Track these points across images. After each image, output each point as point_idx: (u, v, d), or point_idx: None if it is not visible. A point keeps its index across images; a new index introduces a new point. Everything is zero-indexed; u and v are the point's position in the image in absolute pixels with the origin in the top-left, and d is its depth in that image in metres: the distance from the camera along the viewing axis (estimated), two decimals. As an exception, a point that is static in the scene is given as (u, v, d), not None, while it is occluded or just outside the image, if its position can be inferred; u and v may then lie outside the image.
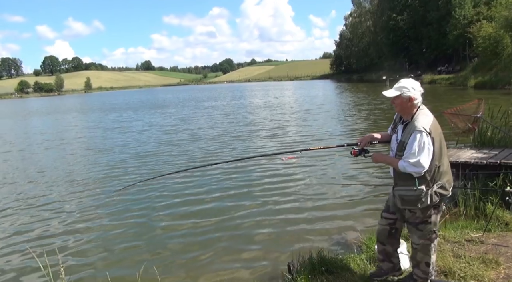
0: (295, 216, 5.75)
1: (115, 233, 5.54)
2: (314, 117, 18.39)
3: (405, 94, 2.74)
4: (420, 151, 2.64)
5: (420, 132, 2.65)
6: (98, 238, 5.37)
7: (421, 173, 2.68)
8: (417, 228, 2.91)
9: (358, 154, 3.10)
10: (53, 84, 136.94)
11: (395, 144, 2.88)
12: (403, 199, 2.85)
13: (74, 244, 5.27)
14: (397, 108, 2.86)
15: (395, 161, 2.80)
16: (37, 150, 13.44)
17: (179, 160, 9.96)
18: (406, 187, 2.79)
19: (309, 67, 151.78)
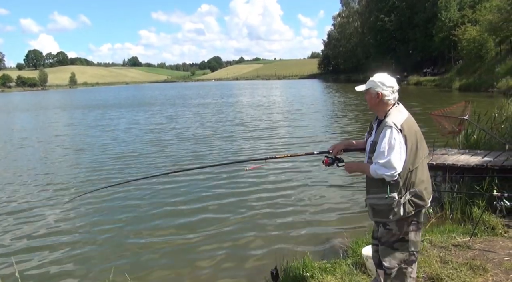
0: (279, 221, 5.59)
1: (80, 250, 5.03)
2: (303, 117, 18.26)
3: (373, 90, 2.51)
4: (390, 149, 2.33)
5: (390, 128, 2.36)
6: (62, 256, 4.75)
7: (394, 176, 2.34)
8: (392, 247, 2.52)
9: (331, 163, 2.79)
10: (37, 79, 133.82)
11: (368, 146, 2.58)
12: (373, 208, 2.54)
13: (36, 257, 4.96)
14: (368, 104, 2.63)
15: (367, 166, 2.49)
16: (12, 148, 12.94)
17: (161, 162, 9.55)
18: (377, 195, 2.46)
19: (297, 66, 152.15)
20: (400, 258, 2.53)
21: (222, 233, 5.27)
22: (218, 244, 4.93)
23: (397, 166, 2.33)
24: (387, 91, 2.49)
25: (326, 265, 3.80)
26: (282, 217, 5.72)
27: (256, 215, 5.78)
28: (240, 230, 5.32)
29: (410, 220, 2.49)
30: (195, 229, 5.37)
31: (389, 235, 2.52)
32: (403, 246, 2.51)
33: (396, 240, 2.51)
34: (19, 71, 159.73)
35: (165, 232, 5.36)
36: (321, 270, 3.69)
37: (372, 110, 2.64)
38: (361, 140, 2.92)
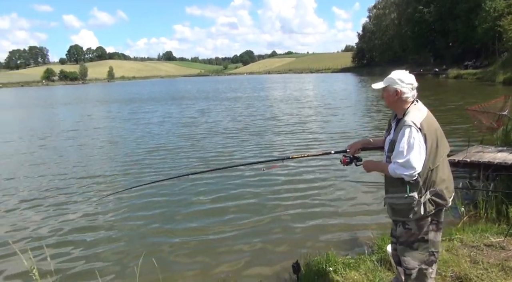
0: (302, 216, 5.55)
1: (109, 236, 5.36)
2: (335, 112, 17.72)
3: (391, 87, 2.43)
4: (409, 149, 2.28)
5: (409, 127, 2.30)
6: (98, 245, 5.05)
7: (413, 175, 2.30)
8: (411, 247, 2.47)
9: (349, 162, 2.75)
10: (78, 73, 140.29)
11: (387, 145, 2.52)
12: (393, 208, 2.50)
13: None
14: (386, 102, 2.55)
15: (386, 166, 2.44)
16: (53, 140, 13.53)
17: (191, 157, 9.57)
18: (396, 194, 2.42)
19: (331, 60, 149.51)
20: (419, 258, 2.47)
21: (245, 227, 5.31)
22: (241, 238, 4.98)
23: (416, 166, 2.29)
24: (406, 88, 2.41)
25: (350, 260, 3.78)
26: (306, 212, 5.68)
27: (280, 211, 5.76)
28: (263, 224, 5.33)
29: (430, 219, 2.43)
30: (220, 223, 5.44)
31: (408, 235, 2.48)
32: (422, 246, 2.46)
33: (416, 240, 2.46)
34: (61, 66, 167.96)
35: (192, 226, 5.43)
36: (345, 265, 3.67)
37: (390, 108, 2.58)
38: (379, 138, 2.86)
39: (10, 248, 4.82)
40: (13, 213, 6.26)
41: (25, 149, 11.92)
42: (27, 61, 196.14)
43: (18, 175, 8.63)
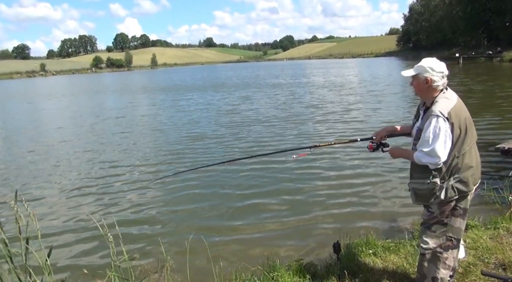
0: (342, 201, 5.65)
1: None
2: (379, 99, 16.95)
3: (422, 75, 2.42)
4: (435, 138, 2.30)
5: (436, 117, 2.31)
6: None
7: (438, 164, 2.34)
8: (430, 229, 2.54)
9: (376, 148, 2.82)
10: (123, 60, 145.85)
11: (415, 132, 2.56)
12: (416, 193, 2.56)
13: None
14: (415, 90, 2.54)
15: (411, 153, 2.49)
16: (100, 127, 14.25)
17: (232, 145, 9.67)
18: (420, 180, 2.48)
19: (373, 44, 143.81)
20: (435, 240, 2.53)
21: (288, 209, 5.50)
22: (284, 219, 5.18)
23: (441, 155, 2.31)
24: (437, 76, 2.41)
25: (389, 244, 3.83)
26: (346, 197, 5.77)
27: (319, 196, 5.89)
28: (303, 207, 5.49)
29: (454, 205, 2.48)
30: (260, 205, 5.70)
31: (430, 217, 2.54)
32: (440, 229, 2.51)
33: (435, 222, 2.52)
34: (108, 53, 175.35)
35: (234, 206, 5.75)
36: (384, 248, 3.74)
37: (419, 96, 2.58)
38: (406, 125, 2.88)
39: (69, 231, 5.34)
40: (66, 197, 6.74)
41: (74, 135, 12.64)
42: (78, 50, 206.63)
43: (68, 159, 9.34)
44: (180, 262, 3.85)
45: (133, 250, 4.38)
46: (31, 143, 11.71)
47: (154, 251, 4.39)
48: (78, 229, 5.23)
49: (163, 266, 3.79)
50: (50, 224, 5.46)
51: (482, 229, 3.95)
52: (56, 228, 5.34)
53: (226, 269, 3.72)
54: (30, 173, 8.18)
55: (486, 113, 12.04)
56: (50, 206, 6.21)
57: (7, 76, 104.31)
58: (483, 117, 11.36)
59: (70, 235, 5.11)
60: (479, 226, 4.03)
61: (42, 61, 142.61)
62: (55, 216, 5.78)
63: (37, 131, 14.01)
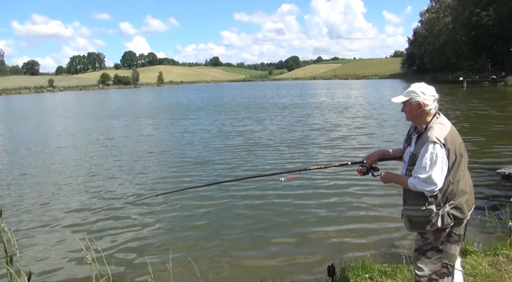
0: (340, 222, 5.58)
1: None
2: (385, 123, 16.42)
3: (414, 100, 2.41)
4: (432, 165, 2.27)
5: (432, 143, 2.29)
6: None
7: (434, 191, 2.31)
8: (424, 255, 2.48)
9: (366, 172, 2.77)
10: (130, 78, 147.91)
11: (407, 157, 2.52)
12: (410, 220, 2.50)
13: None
14: (407, 116, 2.52)
15: (405, 179, 2.45)
16: (112, 147, 14.28)
17: (224, 168, 9.19)
18: (415, 207, 2.43)
19: (378, 66, 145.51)
20: (431, 268, 2.47)
21: (281, 231, 5.43)
22: (277, 240, 5.12)
23: (438, 182, 2.29)
24: (429, 100, 2.40)
25: (386, 268, 3.75)
26: (341, 220, 5.69)
27: (315, 218, 5.81)
28: (298, 230, 5.41)
29: (449, 231, 2.43)
30: (254, 228, 5.62)
31: (424, 243, 2.49)
32: (435, 256, 2.46)
33: (430, 249, 2.47)
34: (116, 71, 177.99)
35: (228, 228, 5.66)
36: (381, 273, 3.66)
37: (411, 122, 2.57)
38: (397, 148, 2.85)
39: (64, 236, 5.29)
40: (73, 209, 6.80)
41: (80, 155, 12.48)
42: (86, 66, 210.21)
43: (72, 176, 9.32)
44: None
45: (119, 272, 4.33)
46: (27, 160, 11.73)
47: (140, 272, 4.29)
48: (62, 250, 5.13)
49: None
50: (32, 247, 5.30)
51: (481, 255, 3.86)
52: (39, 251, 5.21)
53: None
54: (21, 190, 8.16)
55: (487, 138, 11.98)
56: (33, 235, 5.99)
57: (16, 91, 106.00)
58: (482, 141, 11.32)
59: (53, 255, 5.00)
60: (478, 252, 3.94)
61: (51, 77, 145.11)
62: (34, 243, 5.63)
63: (33, 150, 14.05)
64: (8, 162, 11.16)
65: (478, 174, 7.47)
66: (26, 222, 6.12)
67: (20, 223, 6.02)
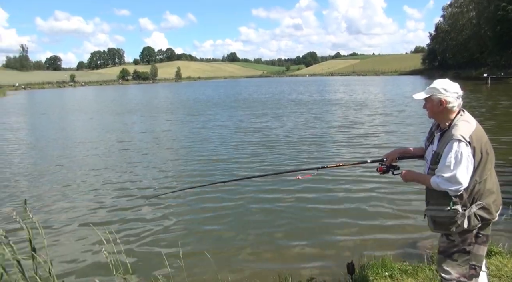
0: (361, 219, 5.51)
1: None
2: (406, 121, 15.96)
3: (435, 97, 2.34)
4: (456, 164, 2.18)
5: (457, 141, 2.20)
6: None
7: (459, 190, 2.23)
8: (451, 257, 2.39)
9: (386, 171, 2.70)
10: (149, 73, 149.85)
11: (430, 156, 2.44)
12: (434, 220, 2.42)
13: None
14: (429, 113, 2.45)
15: (427, 178, 2.37)
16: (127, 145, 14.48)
17: (245, 166, 9.00)
18: (438, 207, 2.35)
19: (397, 61, 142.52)
20: (459, 270, 2.38)
21: (299, 227, 5.39)
22: (296, 236, 5.08)
23: (463, 181, 2.21)
24: (452, 97, 2.32)
25: (407, 267, 3.69)
26: (361, 217, 5.61)
27: (334, 215, 5.75)
28: (317, 226, 5.38)
29: (476, 232, 2.35)
30: (279, 224, 5.57)
31: (450, 245, 2.41)
32: (462, 258, 2.38)
33: (456, 251, 2.38)
34: (135, 66, 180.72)
35: (248, 226, 5.63)
36: (401, 271, 3.61)
37: (434, 119, 2.49)
38: (418, 146, 2.76)
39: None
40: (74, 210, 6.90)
41: (99, 150, 12.71)
42: (106, 62, 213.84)
43: (89, 173, 9.49)
44: (187, 278, 3.68)
45: (136, 263, 4.38)
46: (50, 153, 12.02)
47: (158, 267, 4.29)
48: (82, 241, 5.24)
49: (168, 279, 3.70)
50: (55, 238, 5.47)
51: (507, 257, 3.74)
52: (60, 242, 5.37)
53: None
54: (44, 182, 8.38)
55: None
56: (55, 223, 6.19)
57: (40, 86, 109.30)
58: (509, 140, 10.94)
59: (72, 246, 5.12)
60: (503, 253, 3.82)
61: (72, 72, 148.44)
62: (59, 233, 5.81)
63: (57, 143, 14.40)
64: (29, 155, 11.50)
65: (504, 173, 7.24)
66: (45, 214, 6.29)
67: (38, 214, 6.15)
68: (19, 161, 10.73)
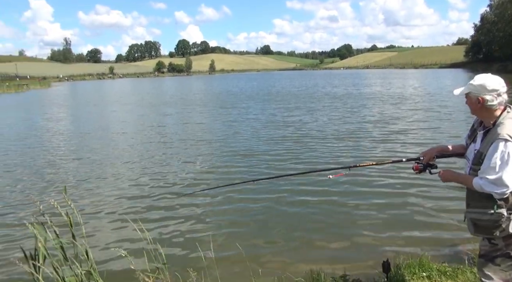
0: (398, 218, 5.34)
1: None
2: (445, 117, 15.14)
3: (473, 94, 2.20)
4: (503, 165, 2.04)
5: (503, 141, 2.06)
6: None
7: (504, 193, 2.08)
8: (493, 262, 2.26)
9: (422, 170, 2.56)
10: (183, 66, 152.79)
11: (472, 155, 2.31)
12: (475, 224, 2.29)
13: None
14: (471, 110, 2.32)
15: (469, 178, 2.23)
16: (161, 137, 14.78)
17: (280, 164, 8.74)
18: (480, 209, 2.22)
19: (438, 54, 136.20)
20: (502, 275, 2.24)
21: (334, 223, 5.31)
22: (330, 232, 5.01)
23: (510, 184, 2.05)
24: (490, 96, 2.16)
25: (446, 268, 3.54)
26: (398, 216, 5.43)
27: (370, 213, 5.59)
28: (352, 223, 5.27)
29: None
30: (311, 220, 5.51)
31: (492, 249, 2.28)
32: (506, 263, 2.24)
33: (499, 255, 2.24)
34: (170, 59, 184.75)
35: (280, 223, 5.54)
36: (440, 272, 3.47)
37: (476, 116, 2.35)
38: (458, 144, 2.60)
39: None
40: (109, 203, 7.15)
41: (134, 141, 13.03)
42: (143, 54, 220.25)
43: (125, 162, 9.80)
44: (218, 270, 3.67)
45: (170, 255, 4.44)
46: (91, 143, 12.53)
47: (191, 257, 4.38)
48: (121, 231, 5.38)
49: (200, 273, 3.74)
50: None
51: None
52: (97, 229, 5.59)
53: (267, 278, 3.64)
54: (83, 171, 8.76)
55: None
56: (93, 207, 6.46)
57: (81, 77, 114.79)
58: None
59: (107, 236, 5.23)
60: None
61: (111, 65, 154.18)
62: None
63: (99, 134, 14.99)
64: (68, 145, 12.03)
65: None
66: (83, 201, 6.54)
67: (76, 202, 6.36)
68: (60, 150, 11.23)
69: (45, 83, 71.32)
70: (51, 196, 6.54)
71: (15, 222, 5.69)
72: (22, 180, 7.95)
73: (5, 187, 7.52)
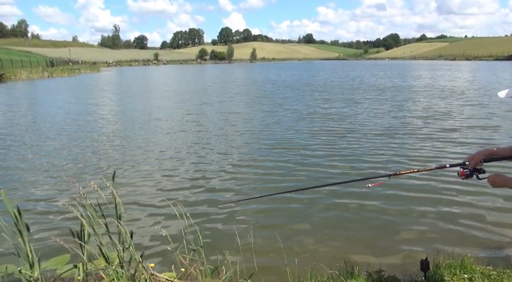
0: (440, 217, 5.13)
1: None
2: (499, 114, 13.89)
3: None
4: None
5: None
6: None
7: None
8: None
9: (469, 175, 2.35)
10: (225, 54, 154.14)
11: None
12: None
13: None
14: None
15: None
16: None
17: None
18: None
19: (494, 45, 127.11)
20: None
21: (372, 218, 5.21)
22: (368, 226, 4.94)
23: None
24: None
25: (491, 271, 3.36)
26: (440, 215, 5.20)
27: (410, 211, 5.41)
28: (391, 220, 5.13)
29: None
30: (348, 219, 5.43)
31: None
32: None
33: None
34: (212, 46, 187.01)
35: (324, 222, 5.55)
36: (484, 275, 3.30)
37: None
38: (507, 146, 2.39)
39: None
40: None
41: (174, 129, 13.57)
42: (187, 42, 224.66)
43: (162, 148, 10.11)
44: (250, 258, 3.66)
45: (207, 240, 4.51)
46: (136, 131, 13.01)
47: (228, 242, 4.43)
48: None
49: (235, 256, 3.81)
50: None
51: None
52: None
53: (301, 268, 3.64)
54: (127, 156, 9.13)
55: None
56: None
57: (128, 63, 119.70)
58: None
59: (146, 221, 5.39)
60: None
61: (156, 51, 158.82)
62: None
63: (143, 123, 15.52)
64: (112, 130, 12.41)
65: None
66: (122, 188, 6.64)
67: (119, 184, 6.56)
68: (103, 135, 11.55)
69: (95, 68, 75.10)
70: (98, 178, 6.82)
71: (63, 200, 6.07)
72: (69, 161, 8.45)
73: (53, 168, 7.98)
